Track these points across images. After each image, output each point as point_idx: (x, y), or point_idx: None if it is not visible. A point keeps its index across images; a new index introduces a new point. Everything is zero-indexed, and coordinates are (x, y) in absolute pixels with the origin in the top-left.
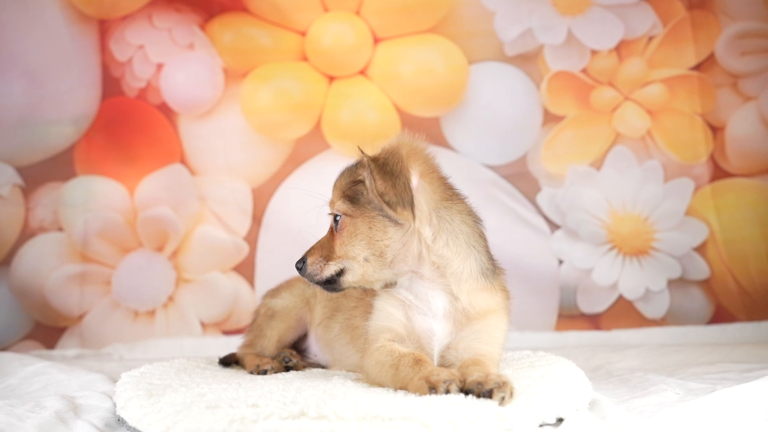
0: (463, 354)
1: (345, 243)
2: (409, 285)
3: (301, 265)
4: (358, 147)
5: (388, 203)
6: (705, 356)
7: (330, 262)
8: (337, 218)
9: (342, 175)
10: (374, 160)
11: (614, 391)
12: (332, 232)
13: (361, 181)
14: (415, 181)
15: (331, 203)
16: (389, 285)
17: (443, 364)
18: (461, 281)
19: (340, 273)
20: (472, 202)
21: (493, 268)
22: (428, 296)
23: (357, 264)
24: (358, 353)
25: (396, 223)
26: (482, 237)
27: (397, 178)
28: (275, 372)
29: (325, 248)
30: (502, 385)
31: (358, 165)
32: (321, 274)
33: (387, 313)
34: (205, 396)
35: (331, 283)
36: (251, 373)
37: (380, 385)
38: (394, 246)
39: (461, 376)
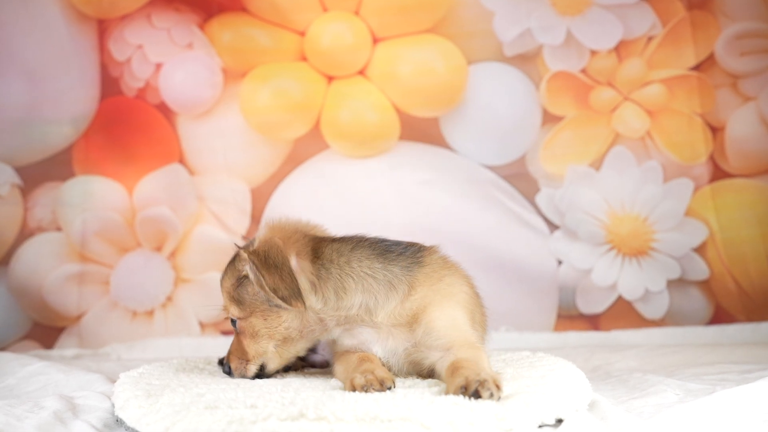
0: (434, 353)
1: (250, 343)
2: (337, 335)
3: (227, 369)
4: (235, 244)
5: (282, 298)
6: (704, 357)
7: (249, 364)
8: (234, 322)
9: (225, 276)
10: (255, 254)
11: (613, 391)
12: (236, 333)
13: (246, 277)
14: (294, 263)
15: (225, 309)
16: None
17: (422, 367)
18: (375, 310)
19: (263, 367)
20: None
21: (404, 268)
22: (355, 332)
23: (271, 354)
24: None
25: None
26: (371, 255)
27: (281, 270)
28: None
29: (239, 351)
30: (484, 382)
31: (236, 260)
32: (247, 374)
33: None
34: (204, 396)
35: (261, 376)
36: None
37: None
38: (294, 326)
39: (380, 380)
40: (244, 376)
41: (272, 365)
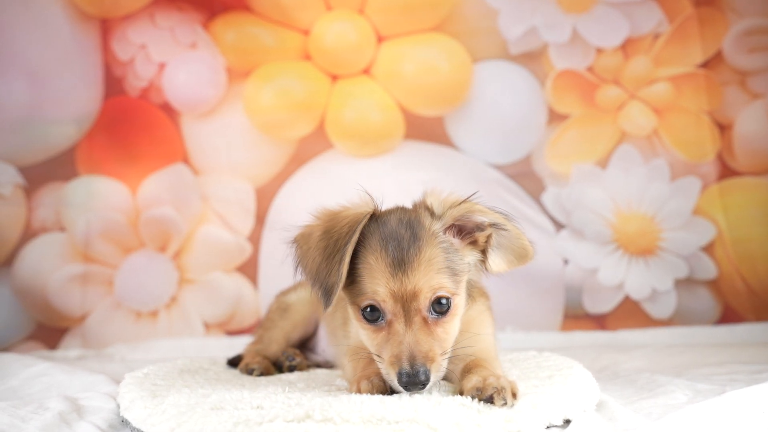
0: (455, 360)
1: (452, 331)
2: None
3: (425, 378)
4: (468, 202)
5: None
6: (713, 357)
7: (444, 357)
8: (443, 302)
9: (427, 245)
10: (496, 211)
11: (621, 392)
12: (425, 322)
13: (448, 242)
14: None
15: (429, 289)
16: None
17: None
18: None
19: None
20: None
21: (472, 283)
22: None
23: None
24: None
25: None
26: None
27: None
28: (260, 373)
29: (436, 346)
30: (501, 389)
31: (429, 223)
32: (440, 376)
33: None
34: (210, 397)
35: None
36: (240, 372)
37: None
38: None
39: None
40: (426, 381)
41: (444, 369)
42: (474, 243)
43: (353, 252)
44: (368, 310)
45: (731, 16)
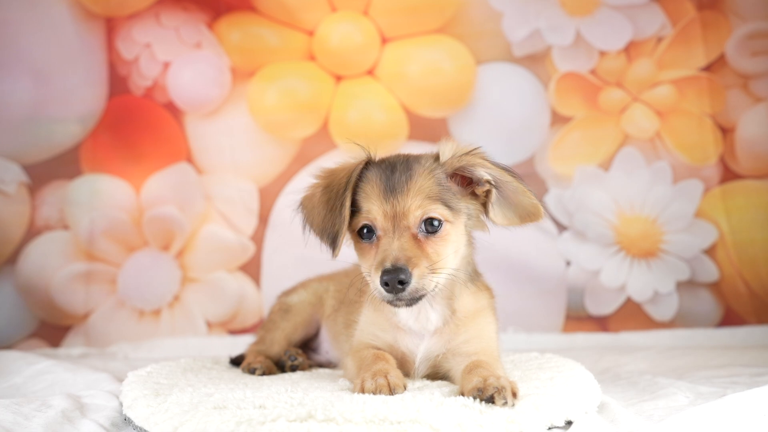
0: (458, 359)
1: (443, 252)
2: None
3: (405, 277)
4: (473, 149)
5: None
6: (714, 359)
7: (433, 275)
8: (435, 223)
9: (419, 175)
10: (499, 167)
11: (623, 394)
12: (415, 238)
13: (453, 180)
14: None
15: (418, 207)
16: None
17: (438, 372)
18: (456, 289)
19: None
20: None
21: (475, 270)
22: (428, 312)
23: (446, 276)
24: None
25: (470, 233)
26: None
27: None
28: (262, 373)
29: (422, 257)
30: (501, 389)
31: (424, 159)
32: (426, 289)
33: (373, 335)
34: (213, 396)
35: (420, 299)
36: (243, 371)
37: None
38: (464, 256)
39: (391, 386)
40: (416, 293)
41: (432, 285)
42: (474, 194)
43: (355, 195)
44: (364, 230)
45: (734, 20)
